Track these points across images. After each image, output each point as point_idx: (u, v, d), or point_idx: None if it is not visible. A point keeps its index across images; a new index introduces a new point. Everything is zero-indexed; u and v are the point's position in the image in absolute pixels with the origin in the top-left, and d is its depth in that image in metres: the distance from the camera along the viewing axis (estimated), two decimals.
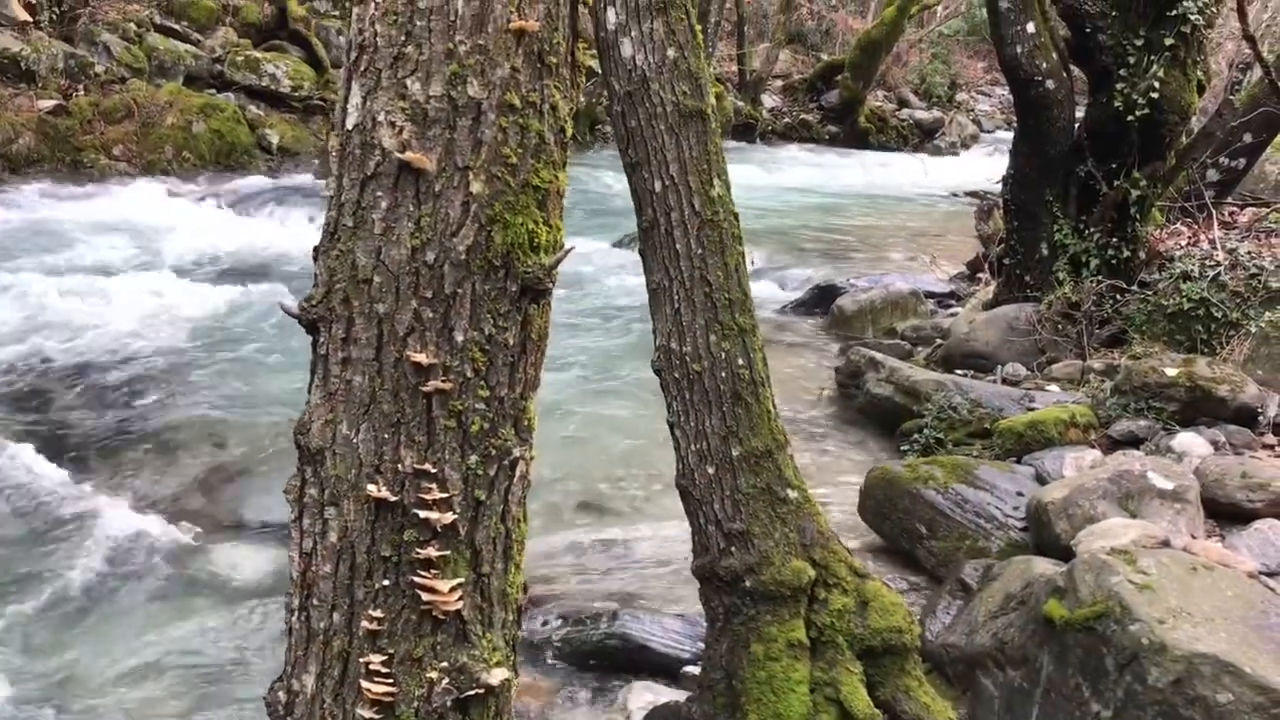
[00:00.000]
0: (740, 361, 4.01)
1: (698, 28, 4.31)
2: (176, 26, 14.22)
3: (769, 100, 21.64)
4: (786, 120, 21.46)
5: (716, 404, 3.93)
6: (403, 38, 1.91)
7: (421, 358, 1.93)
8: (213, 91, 13.72)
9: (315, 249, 2.04)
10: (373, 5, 1.93)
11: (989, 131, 23.95)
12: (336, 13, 15.74)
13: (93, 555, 4.76)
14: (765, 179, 16.39)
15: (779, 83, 22.24)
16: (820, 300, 9.70)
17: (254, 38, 14.85)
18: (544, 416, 2.27)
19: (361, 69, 1.94)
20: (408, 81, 1.91)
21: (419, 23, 1.91)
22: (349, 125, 1.97)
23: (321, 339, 2.01)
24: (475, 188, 1.95)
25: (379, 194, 1.96)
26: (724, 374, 3.96)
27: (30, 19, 12.48)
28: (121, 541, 4.89)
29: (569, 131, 2.09)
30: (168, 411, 6.43)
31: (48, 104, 12.05)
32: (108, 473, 5.64)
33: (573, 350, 7.86)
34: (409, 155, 1.90)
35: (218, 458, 5.86)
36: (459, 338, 1.97)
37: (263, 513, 5.27)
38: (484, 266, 1.98)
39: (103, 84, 12.82)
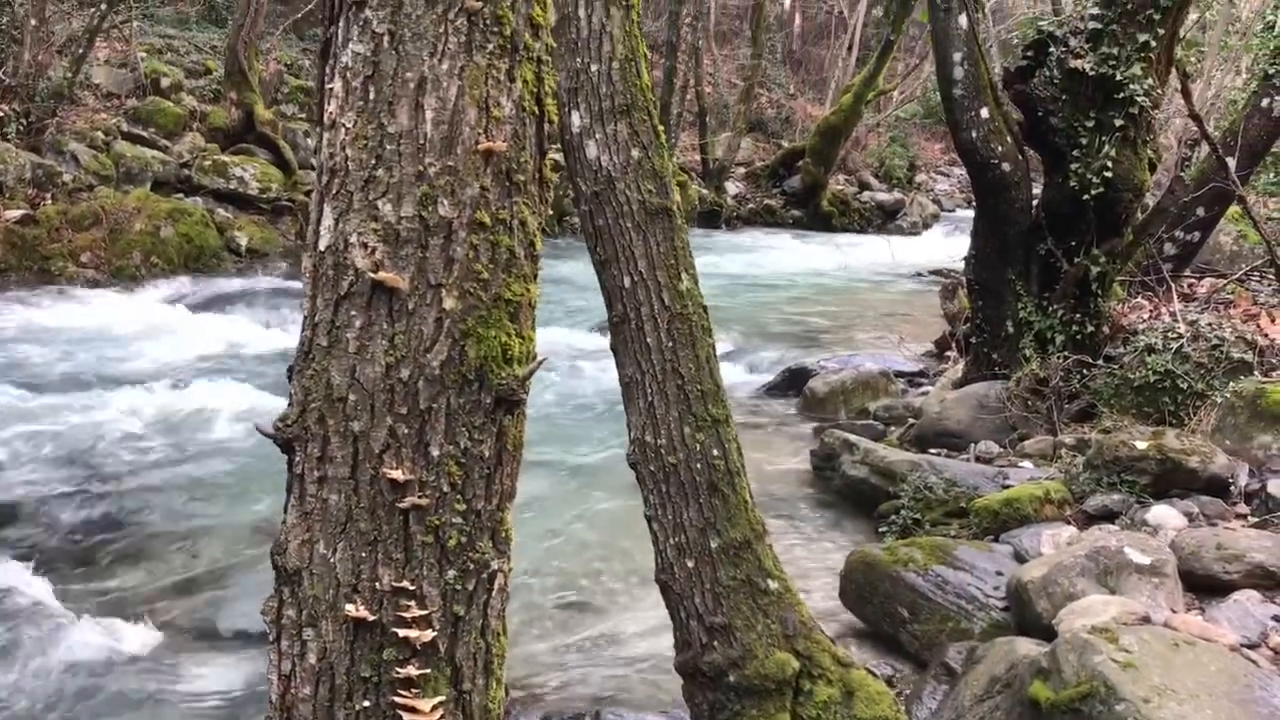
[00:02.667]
0: (715, 452, 4.03)
1: (660, 128, 4.41)
2: (144, 133, 14.35)
3: (733, 187, 22.00)
4: (751, 206, 21.81)
5: (693, 496, 3.93)
6: (373, 161, 1.96)
7: (398, 474, 1.94)
8: (181, 196, 13.80)
9: (289, 369, 2.05)
10: (343, 130, 1.97)
11: (949, 211, 24.40)
12: (303, 115, 15.95)
13: (61, 669, 4.65)
14: (732, 264, 16.59)
15: (742, 170, 22.64)
16: (792, 383, 9.77)
17: (222, 142, 15.00)
18: (520, 510, 2.27)
19: (333, 192, 1.98)
20: (379, 203, 1.95)
21: (389, 147, 1.95)
22: (321, 247, 2.00)
23: (297, 458, 2.01)
24: (448, 304, 1.98)
25: (353, 313, 1.98)
26: (699, 465, 3.98)
27: None
28: (91, 655, 4.78)
29: (539, 245, 2.13)
30: (139, 520, 6.35)
31: (15, 214, 12.07)
32: (77, 582, 5.54)
33: (548, 440, 7.84)
34: (382, 275, 1.93)
35: (191, 567, 5.78)
36: (435, 452, 1.98)
37: (238, 622, 5.18)
38: (458, 381, 1.99)
39: (70, 192, 12.87)
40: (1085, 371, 7.15)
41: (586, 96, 4.28)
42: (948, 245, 16.96)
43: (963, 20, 7.26)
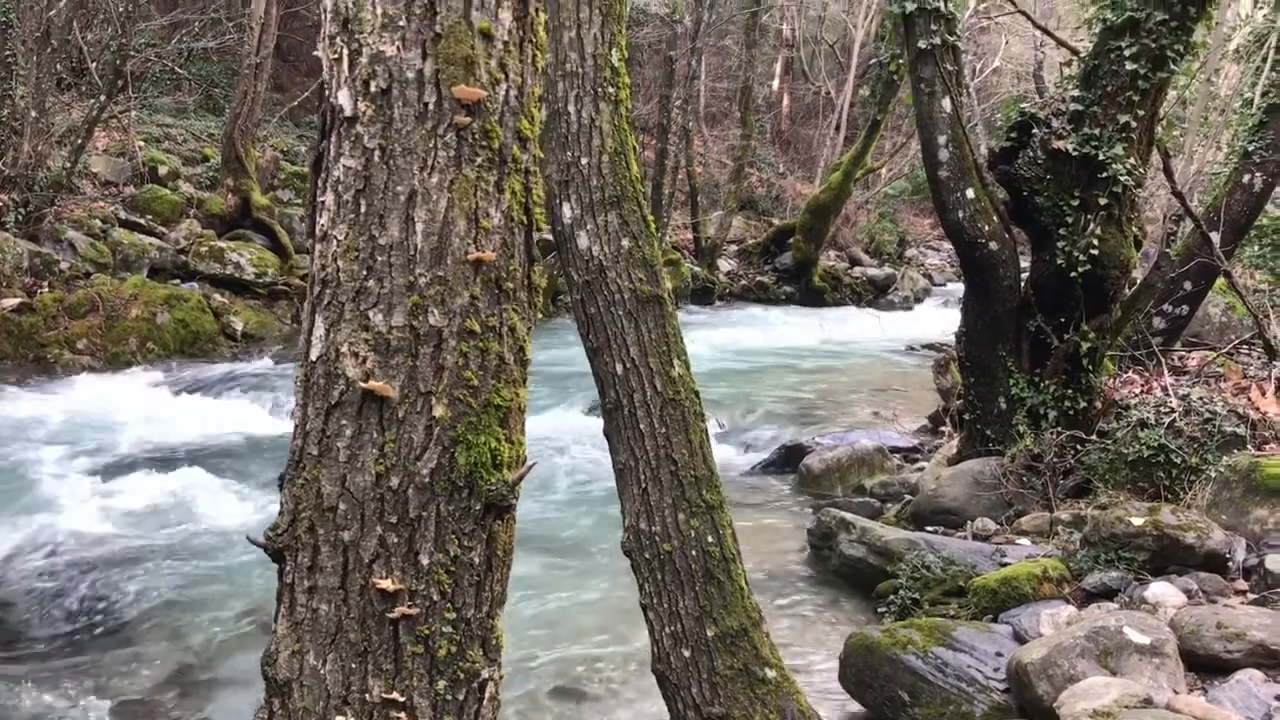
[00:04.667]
0: (710, 539, 4.03)
1: (650, 218, 4.48)
2: (141, 221, 14.49)
3: (725, 264, 22.20)
4: (743, 283, 21.99)
5: (689, 584, 3.92)
6: (364, 272, 1.99)
7: (387, 584, 1.94)
8: (177, 282, 13.89)
9: (280, 476, 2.06)
10: (334, 242, 2.01)
11: (940, 285, 24.61)
12: (299, 201, 16.13)
13: None
14: (726, 341, 16.66)
15: (734, 247, 22.88)
16: (788, 460, 9.76)
17: (218, 228, 15.15)
18: (515, 593, 2.26)
19: (325, 303, 2.01)
20: (370, 313, 1.98)
21: (380, 258, 1.99)
22: (313, 356, 2.02)
23: (287, 568, 2.01)
24: (438, 412, 2.00)
25: (343, 422, 2.00)
26: (694, 552, 3.97)
27: None
28: None
29: (528, 350, 2.16)
30: (131, 611, 6.29)
31: (11, 302, 12.13)
32: (67, 679, 5.47)
33: (543, 524, 7.81)
34: (372, 384, 1.95)
35: (184, 665, 5.71)
36: (424, 561, 1.99)
37: (229, 717, 5.11)
38: (448, 488, 2.01)
39: (67, 280, 12.95)
40: (1079, 447, 7.16)
41: (577, 189, 4.36)
42: (939, 319, 17.08)
43: (946, 104, 7.39)
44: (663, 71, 20.42)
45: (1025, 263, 7.81)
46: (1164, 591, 5.50)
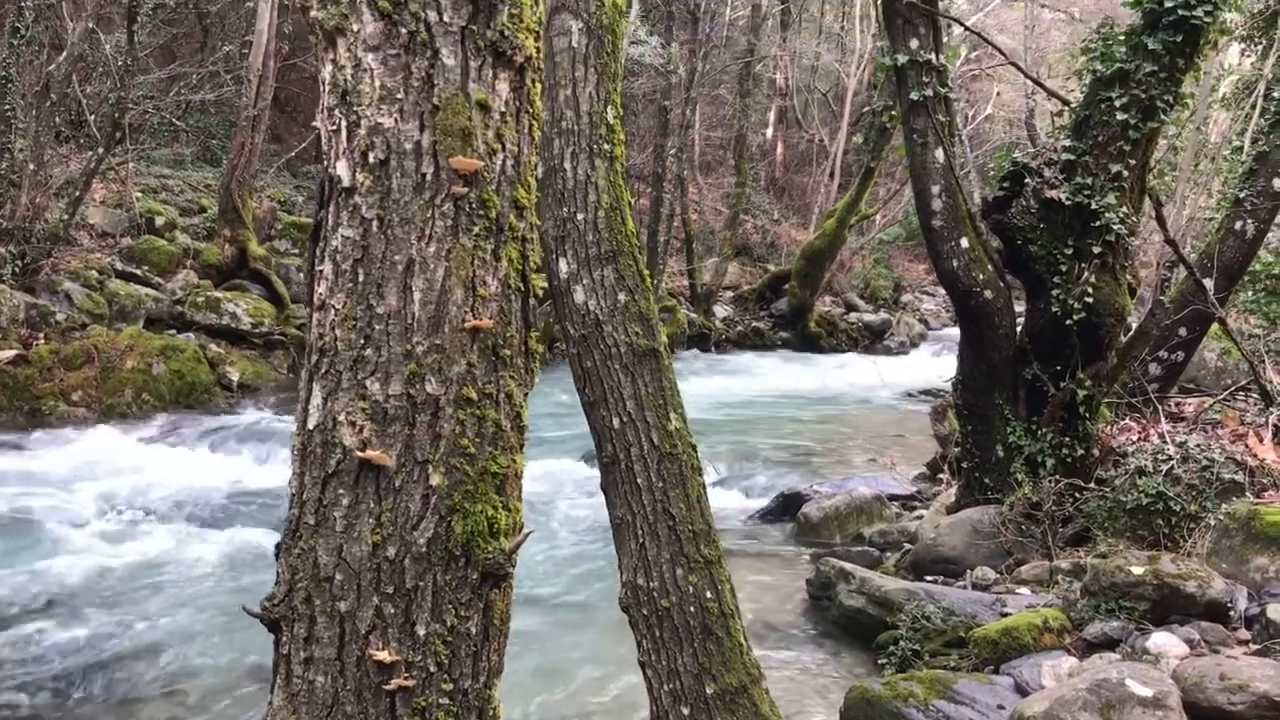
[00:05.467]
0: (708, 594, 4.01)
1: (645, 272, 4.50)
2: (138, 272, 14.53)
3: (721, 310, 22.27)
4: (739, 329, 22.05)
5: (687, 640, 3.89)
6: (362, 341, 2.00)
7: (384, 655, 1.93)
8: (173, 332, 13.90)
9: (277, 546, 2.05)
10: (332, 311, 2.02)
11: (936, 329, 24.67)
12: (296, 251, 16.19)
13: None
14: (722, 387, 16.67)
15: (729, 293, 22.97)
16: (786, 508, 9.73)
17: (215, 278, 15.19)
18: (513, 648, 2.24)
19: (322, 371, 2.02)
20: (367, 382, 1.99)
21: (377, 327, 2.00)
22: (310, 425, 2.02)
23: (284, 638, 2.00)
24: (435, 480, 1.99)
25: (340, 491, 1.99)
26: (693, 608, 3.95)
27: None
28: None
29: (525, 416, 2.16)
30: (122, 672, 6.22)
31: (7, 354, 12.13)
32: None
33: (540, 575, 7.76)
34: (369, 453, 1.95)
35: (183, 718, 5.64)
36: (421, 632, 1.97)
37: None
38: (445, 557, 2.00)
39: (63, 331, 12.95)
40: (1077, 495, 7.15)
41: (573, 244, 4.39)
42: (936, 364, 17.06)
43: (939, 154, 7.45)
44: (658, 121, 20.62)
45: (1020, 306, 7.83)
46: (1166, 642, 5.47)
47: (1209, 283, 8.49)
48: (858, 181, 22.24)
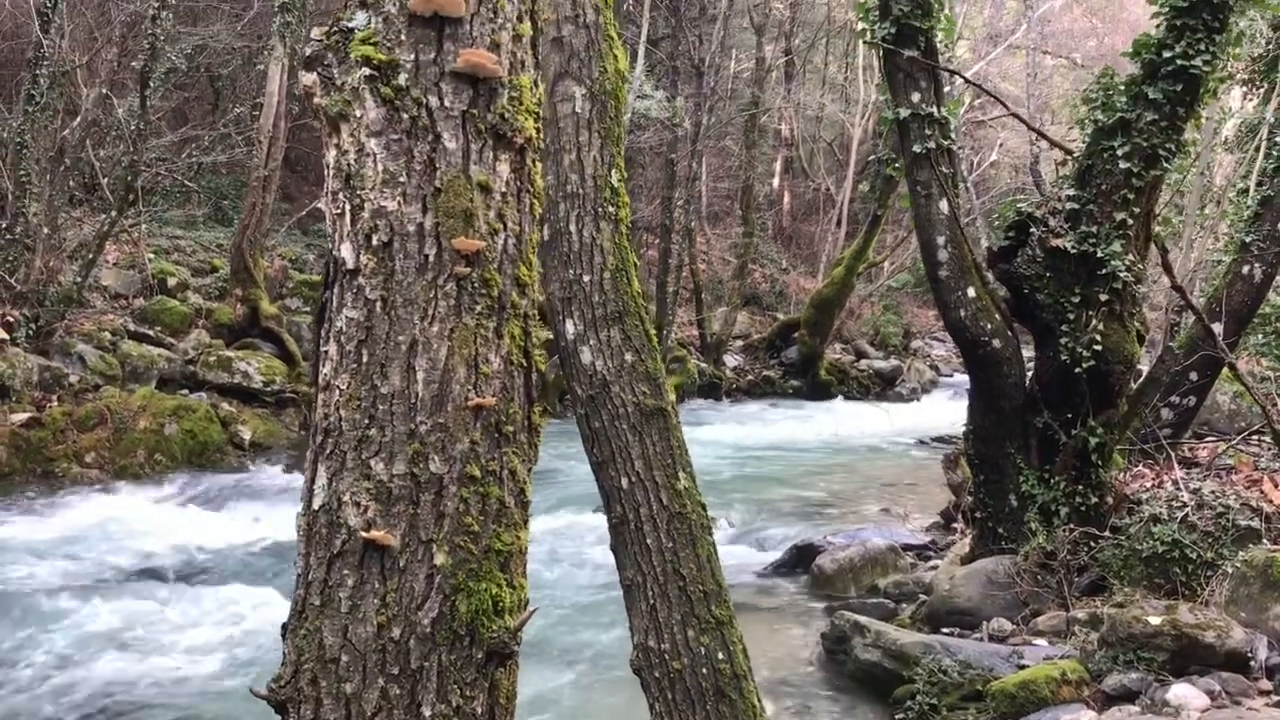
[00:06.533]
0: (720, 656, 3.98)
1: (652, 332, 4.53)
2: (150, 332, 14.64)
3: (731, 360, 22.29)
4: (750, 378, 22.06)
5: (699, 703, 3.87)
6: (366, 421, 2.02)
7: None
8: (185, 392, 13.97)
9: (283, 626, 2.05)
10: (337, 392, 2.04)
11: (947, 376, 24.63)
12: (307, 309, 16.29)
13: None
14: (734, 437, 16.63)
15: (739, 343, 23.00)
16: (800, 560, 9.68)
17: (227, 338, 15.28)
18: (526, 712, 2.23)
19: (327, 452, 2.03)
20: (372, 462, 2.00)
21: (381, 407, 2.02)
22: (315, 505, 2.04)
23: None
24: (439, 559, 2.00)
25: (345, 572, 2.00)
26: (705, 670, 3.92)
27: (6, 336, 12.81)
28: None
29: (529, 491, 2.17)
30: None
31: (21, 417, 12.19)
32: None
33: (550, 633, 7.71)
34: (374, 534, 1.96)
35: None
36: (427, 713, 1.97)
37: None
38: (449, 637, 2.00)
39: (76, 393, 13.02)
40: (1092, 544, 7.10)
41: (580, 305, 4.41)
42: (948, 410, 17.04)
43: (944, 205, 7.49)
44: (664, 173, 20.78)
45: (1028, 351, 7.82)
46: (1186, 693, 5.41)
47: (1218, 327, 8.48)
48: (865, 229, 22.36)
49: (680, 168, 20.31)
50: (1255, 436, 8.98)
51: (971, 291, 7.52)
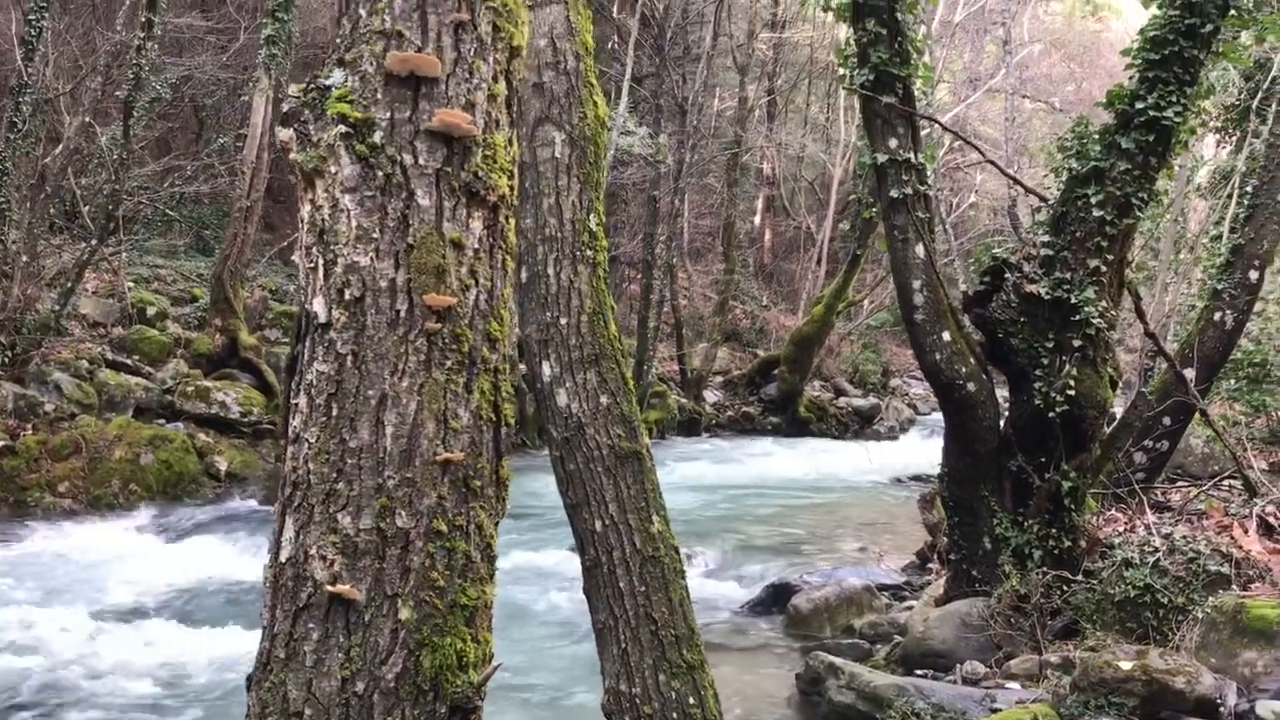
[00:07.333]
0: (691, 700, 3.99)
1: (628, 375, 4.56)
2: (128, 361, 14.57)
3: (711, 396, 22.34)
4: (729, 413, 22.11)
5: None
6: (334, 475, 2.03)
7: None
8: (162, 422, 13.88)
9: (248, 678, 2.06)
10: (306, 445, 2.06)
11: (925, 414, 24.71)
12: (287, 340, 16.24)
13: None
14: (713, 473, 16.64)
15: (719, 379, 23.06)
16: (776, 599, 9.67)
17: (205, 368, 15.22)
18: None
19: (295, 504, 2.05)
20: (339, 516, 2.02)
21: (350, 461, 2.04)
22: (282, 558, 2.05)
23: None
24: (404, 615, 2.02)
25: (310, 625, 2.01)
26: (675, 715, 3.93)
27: None
28: None
29: (495, 545, 2.19)
30: None
31: None
32: None
33: (521, 674, 7.66)
34: (340, 588, 1.98)
35: None
36: None
37: None
38: (413, 692, 2.01)
39: (52, 422, 12.93)
40: (1065, 587, 7.13)
41: (556, 348, 4.45)
42: (926, 449, 17.09)
43: (920, 250, 7.57)
44: (647, 209, 20.90)
45: (1003, 392, 7.87)
46: None
47: (1190, 373, 8.58)
48: (845, 268, 22.51)
49: (663, 204, 20.44)
50: (1226, 482, 9.06)
51: (947, 335, 7.59)
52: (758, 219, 30.36)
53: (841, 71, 8.39)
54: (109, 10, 17.67)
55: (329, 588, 2.00)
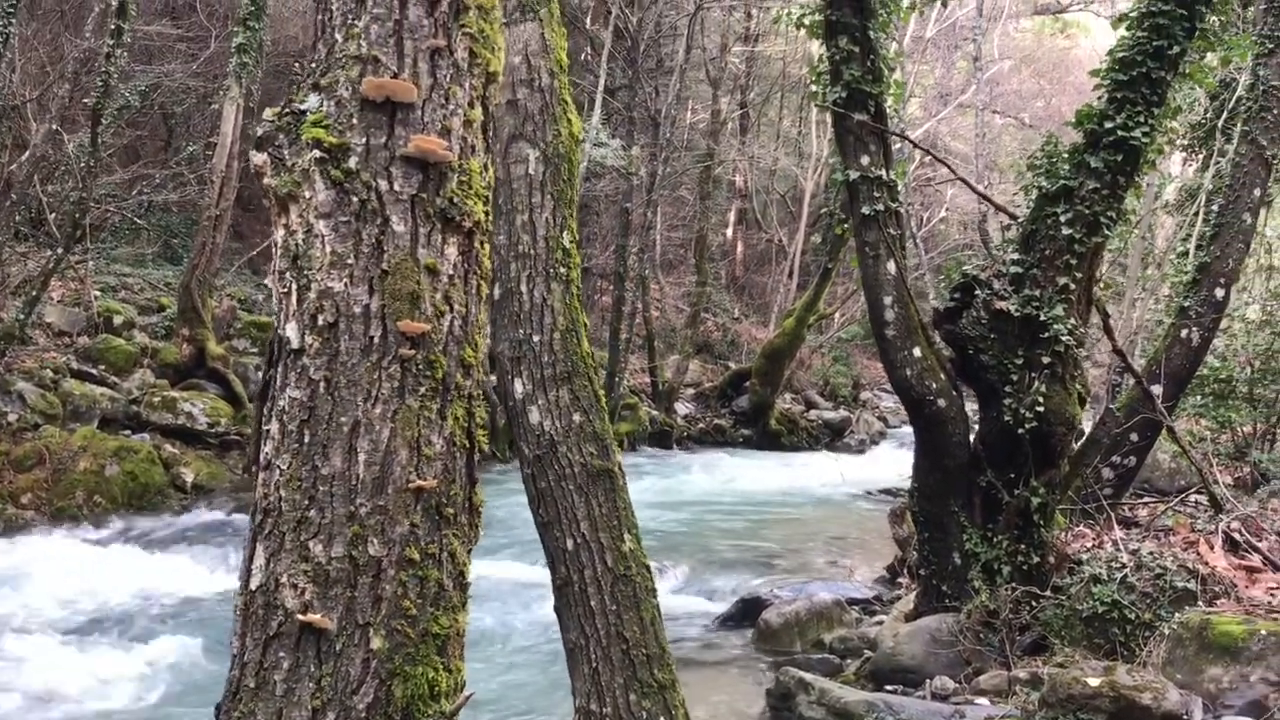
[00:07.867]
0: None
1: (601, 392, 4.55)
2: (94, 371, 14.38)
3: (683, 408, 22.36)
4: (701, 426, 22.13)
5: None
6: (306, 502, 2.01)
7: None
8: (128, 433, 13.72)
9: (217, 707, 2.03)
10: (277, 472, 2.04)
11: (895, 427, 24.84)
12: (255, 350, 16.12)
13: None
14: (684, 485, 16.64)
15: (691, 391, 23.09)
16: (746, 613, 9.67)
17: (172, 378, 15.05)
18: None
19: (266, 532, 2.03)
20: (311, 544, 2.00)
21: (322, 488, 2.02)
22: (253, 586, 2.03)
23: None
24: (376, 644, 2.00)
25: (281, 654, 1.99)
26: None
27: None
28: None
29: (468, 573, 2.17)
30: None
31: None
32: None
33: (491, 692, 7.61)
34: (311, 617, 1.96)
35: None
36: None
37: None
38: None
39: (15, 432, 12.75)
40: (1034, 603, 7.16)
41: (529, 365, 4.44)
42: (895, 462, 17.13)
43: (891, 266, 7.61)
44: (619, 221, 20.93)
45: (973, 406, 7.92)
46: None
47: (1157, 390, 8.66)
48: (816, 281, 22.62)
49: (635, 216, 20.47)
50: (1193, 497, 9.15)
51: (917, 351, 7.63)
52: (730, 231, 30.47)
53: (814, 88, 8.43)
54: (78, 17, 17.51)
55: (300, 616, 1.98)
